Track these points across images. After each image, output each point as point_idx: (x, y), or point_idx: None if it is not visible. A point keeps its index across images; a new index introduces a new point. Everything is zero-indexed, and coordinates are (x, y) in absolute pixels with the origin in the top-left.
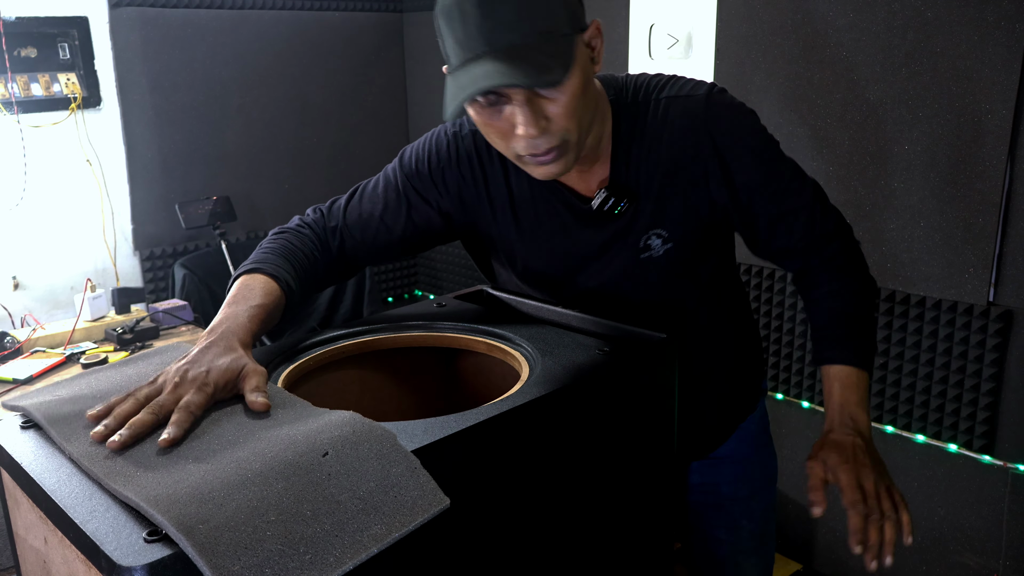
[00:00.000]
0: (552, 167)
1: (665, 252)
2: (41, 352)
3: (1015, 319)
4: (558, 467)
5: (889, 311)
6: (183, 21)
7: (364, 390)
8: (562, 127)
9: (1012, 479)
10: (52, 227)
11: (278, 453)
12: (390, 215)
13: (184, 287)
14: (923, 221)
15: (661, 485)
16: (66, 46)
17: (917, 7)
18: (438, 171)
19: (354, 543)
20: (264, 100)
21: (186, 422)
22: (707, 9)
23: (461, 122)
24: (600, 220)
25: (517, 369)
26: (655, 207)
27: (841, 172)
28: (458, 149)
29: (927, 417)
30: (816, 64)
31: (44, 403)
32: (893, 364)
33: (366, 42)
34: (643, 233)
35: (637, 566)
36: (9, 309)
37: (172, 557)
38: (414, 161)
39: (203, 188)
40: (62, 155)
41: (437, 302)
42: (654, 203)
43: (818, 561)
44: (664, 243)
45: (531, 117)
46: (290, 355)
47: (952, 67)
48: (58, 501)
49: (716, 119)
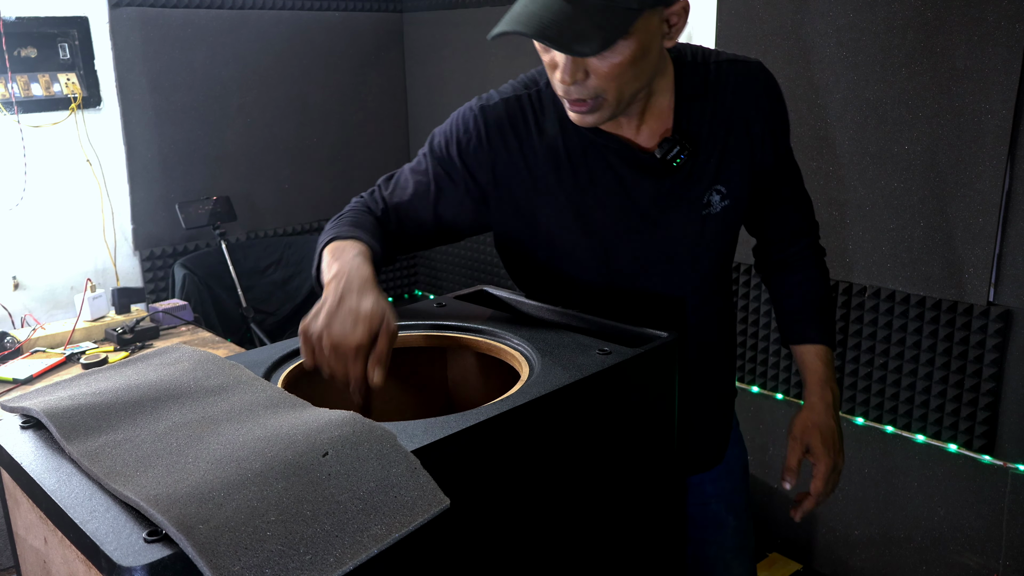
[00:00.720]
0: (586, 116)
1: (723, 209)
2: (41, 352)
3: (1015, 319)
4: (558, 467)
5: (889, 311)
6: (183, 21)
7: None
8: (598, 85)
9: (1012, 479)
10: (52, 227)
11: (278, 453)
12: (420, 201)
13: (184, 287)
14: (923, 221)
15: (661, 485)
16: (66, 46)
17: (917, 7)
18: (467, 149)
19: (354, 543)
20: (264, 100)
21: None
22: (707, 9)
23: (490, 93)
24: (661, 172)
25: (517, 369)
26: (718, 162)
27: (841, 172)
28: (486, 122)
29: (927, 417)
30: (816, 64)
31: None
32: (893, 364)
33: (366, 42)
34: (707, 188)
35: (638, 566)
36: (9, 309)
37: (172, 557)
38: (443, 143)
39: (203, 188)
40: (62, 155)
41: (437, 302)
42: (718, 158)
43: (818, 561)
44: (723, 199)
45: (568, 66)
46: (290, 355)
47: (952, 67)
48: (58, 501)
49: (771, 87)
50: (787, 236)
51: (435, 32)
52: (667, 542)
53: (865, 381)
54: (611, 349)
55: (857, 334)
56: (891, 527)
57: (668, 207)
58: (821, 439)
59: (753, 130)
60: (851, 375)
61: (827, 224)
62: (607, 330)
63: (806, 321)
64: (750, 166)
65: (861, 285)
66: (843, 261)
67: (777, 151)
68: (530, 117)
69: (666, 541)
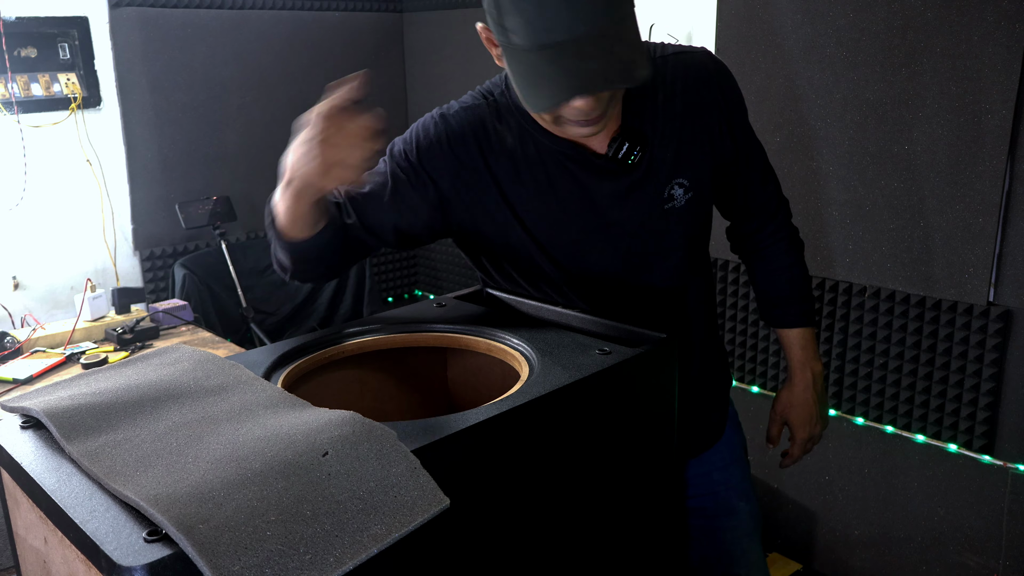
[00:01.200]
0: (594, 128)
1: (687, 202)
2: (41, 352)
3: (1015, 319)
4: (558, 467)
5: (889, 311)
6: (183, 21)
7: (364, 390)
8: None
9: (1012, 479)
10: (52, 227)
11: (278, 453)
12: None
13: (184, 287)
14: (923, 221)
15: (662, 484)
16: (66, 46)
17: (917, 7)
18: (428, 154)
19: (354, 543)
20: (264, 100)
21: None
22: (707, 9)
23: (449, 104)
24: (617, 171)
25: (517, 369)
26: (675, 154)
27: (841, 172)
28: (448, 128)
29: (927, 417)
30: (816, 64)
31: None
32: (893, 364)
33: (366, 42)
34: (666, 183)
35: (638, 566)
36: (9, 309)
37: (172, 557)
38: (403, 150)
39: (203, 188)
40: (62, 155)
41: (437, 302)
42: (675, 151)
43: (818, 561)
44: (686, 192)
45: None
46: (290, 355)
47: (952, 67)
48: (58, 501)
49: (722, 75)
50: (757, 215)
51: (435, 32)
52: (667, 540)
53: (865, 381)
54: (611, 349)
55: (857, 334)
56: (891, 527)
57: (629, 205)
58: (797, 416)
59: (708, 120)
60: (851, 375)
61: (827, 224)
62: (607, 330)
63: (785, 305)
64: (710, 156)
65: (861, 285)
66: (843, 261)
67: (735, 138)
68: (489, 125)
69: (666, 539)
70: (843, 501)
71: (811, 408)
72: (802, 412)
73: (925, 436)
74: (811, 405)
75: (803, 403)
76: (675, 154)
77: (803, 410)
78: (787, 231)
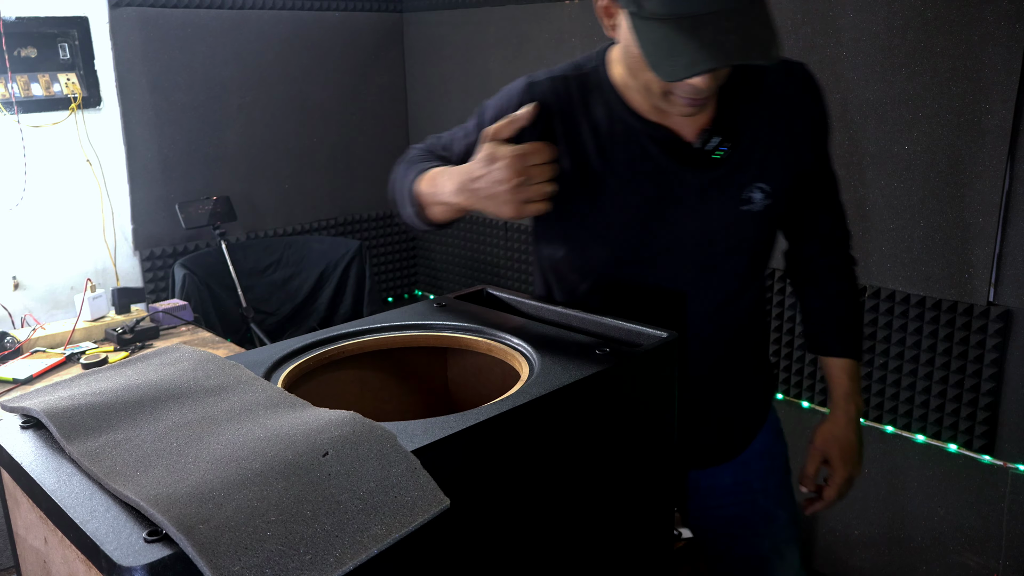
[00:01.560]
0: (699, 109)
1: (764, 208)
2: (41, 352)
3: (1015, 319)
4: (558, 467)
5: (889, 311)
6: (183, 21)
7: (364, 390)
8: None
9: (1012, 479)
10: (52, 227)
11: (278, 453)
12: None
13: (184, 287)
14: (923, 221)
15: (662, 484)
16: (66, 46)
17: (917, 7)
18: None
19: (354, 543)
20: (264, 100)
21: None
22: None
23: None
24: (701, 163)
25: (517, 369)
26: (762, 159)
27: (841, 172)
28: (532, 97)
29: (927, 417)
30: (816, 64)
31: (44, 402)
32: (893, 364)
33: (366, 42)
34: (747, 184)
35: (638, 566)
36: (9, 309)
37: (172, 557)
38: (493, 115)
39: (203, 188)
40: (62, 155)
41: (437, 302)
42: (761, 154)
43: (818, 561)
44: (765, 198)
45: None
46: (290, 355)
47: (952, 67)
48: (58, 501)
49: (816, 87)
50: (820, 242)
51: (435, 32)
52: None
53: (865, 381)
54: (611, 349)
55: None
56: (891, 527)
57: (706, 198)
58: (840, 452)
59: (796, 128)
60: None
61: None
62: (607, 330)
63: (834, 334)
64: (794, 165)
65: (861, 285)
66: None
67: (816, 152)
68: (576, 98)
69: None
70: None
71: (855, 445)
72: (846, 448)
73: (925, 436)
74: (854, 442)
75: (846, 439)
76: (762, 158)
77: (846, 446)
78: (844, 263)
